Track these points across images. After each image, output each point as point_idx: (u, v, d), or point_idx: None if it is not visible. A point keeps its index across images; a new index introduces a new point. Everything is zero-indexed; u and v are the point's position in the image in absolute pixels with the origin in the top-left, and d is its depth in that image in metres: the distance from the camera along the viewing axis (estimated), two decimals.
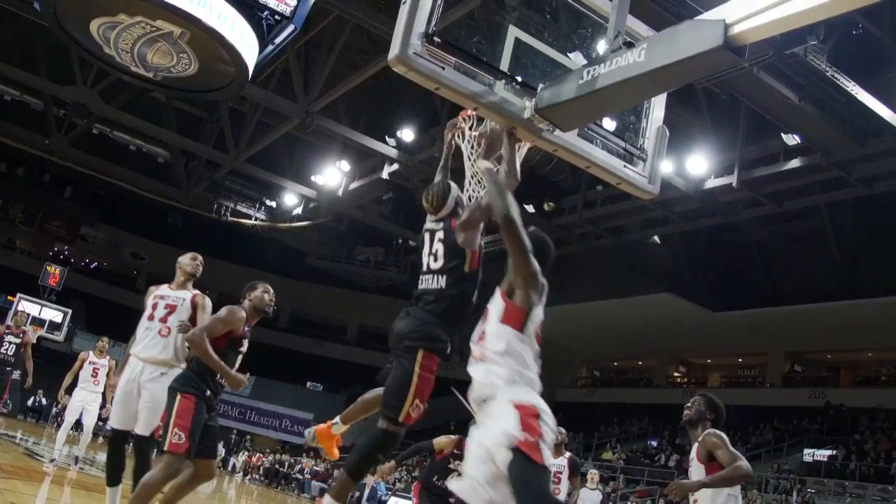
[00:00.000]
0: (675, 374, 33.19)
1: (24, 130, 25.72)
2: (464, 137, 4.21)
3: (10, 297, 23.17)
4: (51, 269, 24.80)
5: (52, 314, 21.91)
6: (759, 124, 17.37)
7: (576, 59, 3.91)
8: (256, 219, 29.55)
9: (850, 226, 23.09)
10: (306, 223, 29.38)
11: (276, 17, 11.64)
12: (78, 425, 10.36)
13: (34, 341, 12.99)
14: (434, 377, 3.73)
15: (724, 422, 4.74)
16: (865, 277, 23.31)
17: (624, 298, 26.08)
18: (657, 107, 4.09)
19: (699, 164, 18.68)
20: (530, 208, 22.99)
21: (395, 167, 22.75)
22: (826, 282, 23.97)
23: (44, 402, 24.89)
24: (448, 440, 6.21)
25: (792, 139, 16.94)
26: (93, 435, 10.80)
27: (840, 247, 23.23)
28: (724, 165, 18.67)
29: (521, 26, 3.74)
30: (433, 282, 3.84)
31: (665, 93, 4.01)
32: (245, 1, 11.37)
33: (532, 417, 2.94)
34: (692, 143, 18.67)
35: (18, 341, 10.70)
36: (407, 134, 21.78)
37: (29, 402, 24.67)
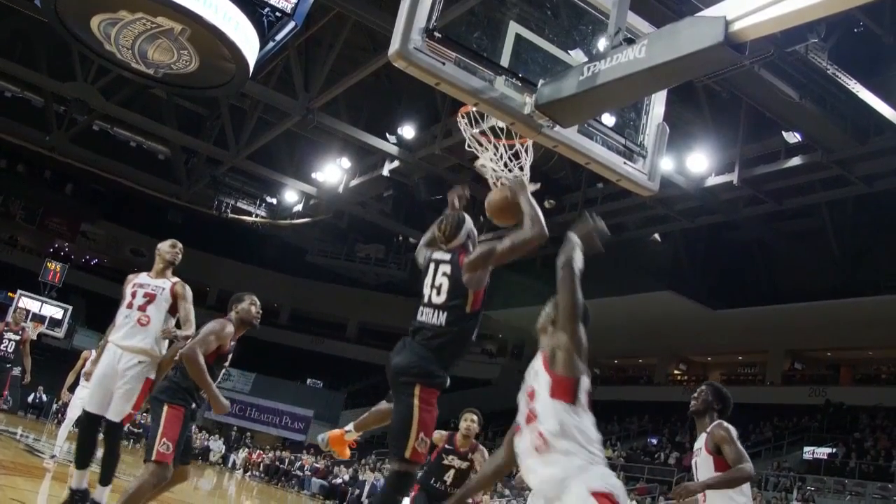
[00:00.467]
0: (676, 372, 33.21)
1: (24, 127, 25.70)
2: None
3: (10, 294, 23.17)
4: (51, 265, 24.74)
5: (53, 311, 21.87)
6: (760, 122, 17.36)
7: (576, 55, 3.91)
8: (257, 216, 29.53)
9: (851, 224, 23.10)
10: (307, 220, 29.36)
11: (277, 13, 11.62)
12: (79, 422, 10.35)
13: (34, 338, 13.01)
14: (435, 409, 3.72)
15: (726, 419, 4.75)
16: (866, 275, 23.32)
17: (624, 296, 26.08)
18: (657, 103, 4.10)
19: (700, 162, 18.67)
20: None
21: (395, 164, 22.75)
22: (826, 280, 23.99)
23: (44, 398, 24.90)
24: (439, 436, 6.21)
25: (793, 137, 16.92)
26: None
27: (840, 245, 23.24)
28: (725, 163, 18.66)
29: (522, 22, 3.74)
30: (433, 317, 3.77)
31: (665, 89, 4.01)
32: None
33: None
34: (693, 140, 18.65)
35: (18, 338, 10.72)
36: (407, 131, 21.78)
37: (29, 399, 24.67)
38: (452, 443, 6.16)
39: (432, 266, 3.89)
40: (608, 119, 4.03)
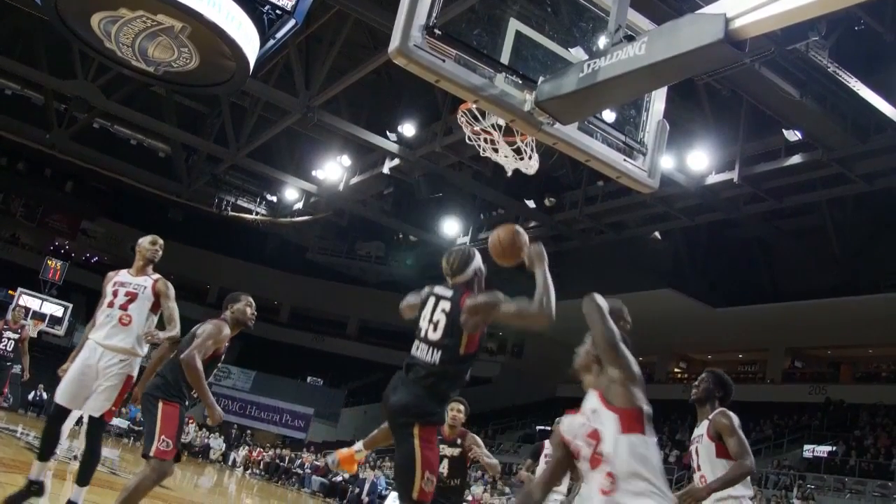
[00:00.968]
0: (676, 370, 33.23)
1: (24, 125, 25.70)
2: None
3: (10, 292, 23.17)
4: (51, 263, 24.71)
5: (53, 308, 21.85)
6: (761, 120, 17.34)
7: (576, 52, 3.91)
8: (257, 213, 29.52)
9: (851, 222, 23.09)
10: (307, 218, 29.34)
11: (278, 11, 11.62)
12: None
13: (34, 335, 13.01)
14: (436, 446, 3.73)
15: None
16: (866, 274, 23.33)
17: (624, 294, 25.89)
18: (657, 101, 4.09)
19: (700, 160, 18.66)
20: (531, 204, 22.99)
21: (396, 162, 22.73)
22: (826, 278, 23.98)
23: (44, 396, 24.88)
24: None
25: (793, 135, 16.90)
26: None
27: (841, 243, 23.23)
28: (725, 161, 18.64)
29: (522, 19, 3.74)
30: (427, 354, 3.70)
31: (665, 87, 4.01)
32: None
33: None
34: (693, 138, 18.64)
35: (17, 336, 10.72)
36: (408, 129, 21.75)
37: (30, 397, 24.69)
38: (440, 433, 6.21)
39: (432, 300, 3.81)
40: (608, 116, 4.03)
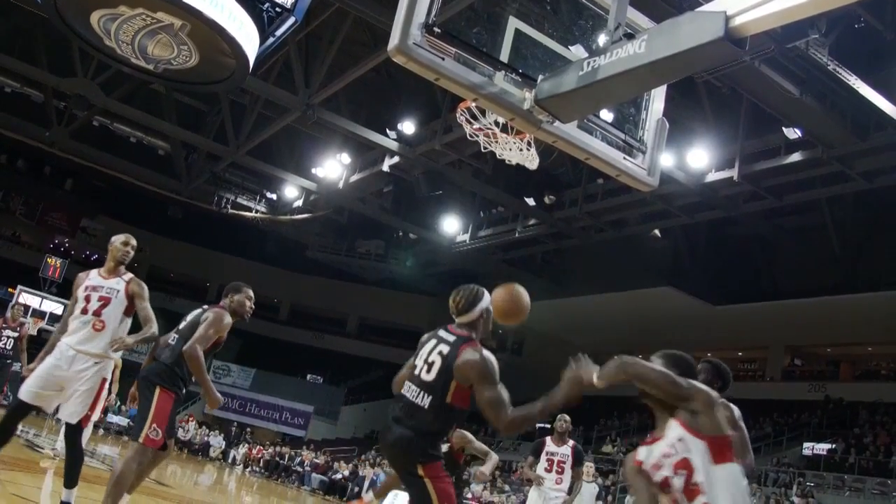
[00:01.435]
0: None
1: (24, 122, 25.66)
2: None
3: (10, 290, 23.15)
4: (51, 261, 24.69)
5: (53, 306, 21.81)
6: (760, 118, 17.34)
7: (576, 50, 3.90)
8: (257, 211, 29.52)
9: (851, 220, 23.10)
10: (307, 216, 29.34)
11: (277, 9, 11.63)
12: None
13: (34, 333, 13.00)
14: (447, 476, 3.64)
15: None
16: (866, 271, 23.33)
17: (624, 292, 26.09)
18: (657, 99, 4.09)
19: (700, 158, 18.66)
20: (531, 202, 22.99)
21: (395, 160, 22.73)
22: (826, 276, 23.98)
23: None
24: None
25: (793, 133, 16.91)
26: (94, 427, 10.80)
27: (840, 241, 23.24)
28: (725, 159, 18.65)
29: (522, 17, 3.74)
30: (418, 396, 3.62)
31: (665, 85, 4.01)
32: None
33: None
34: (693, 136, 18.65)
35: (16, 335, 10.72)
36: (408, 127, 21.75)
37: None
38: None
39: (433, 340, 3.73)
40: (608, 114, 4.03)
